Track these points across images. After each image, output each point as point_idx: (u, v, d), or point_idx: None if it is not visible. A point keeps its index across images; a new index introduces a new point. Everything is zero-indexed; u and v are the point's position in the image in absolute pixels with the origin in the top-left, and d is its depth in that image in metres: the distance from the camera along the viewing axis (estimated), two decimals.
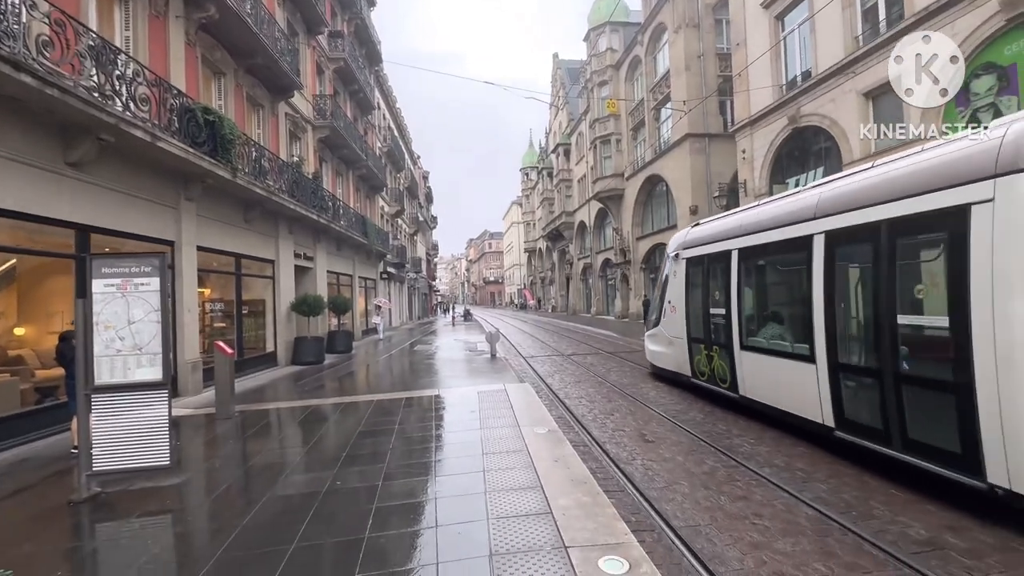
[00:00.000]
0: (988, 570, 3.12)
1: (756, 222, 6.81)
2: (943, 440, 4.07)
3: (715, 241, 7.78)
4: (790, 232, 5.96)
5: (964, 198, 3.88)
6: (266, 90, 13.03)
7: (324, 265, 16.71)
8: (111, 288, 4.39)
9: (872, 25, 11.74)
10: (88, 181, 6.97)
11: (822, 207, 5.47)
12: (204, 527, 3.77)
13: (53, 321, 7.38)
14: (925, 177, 4.28)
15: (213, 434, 6.33)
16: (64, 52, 6.03)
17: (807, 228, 5.62)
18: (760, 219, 6.74)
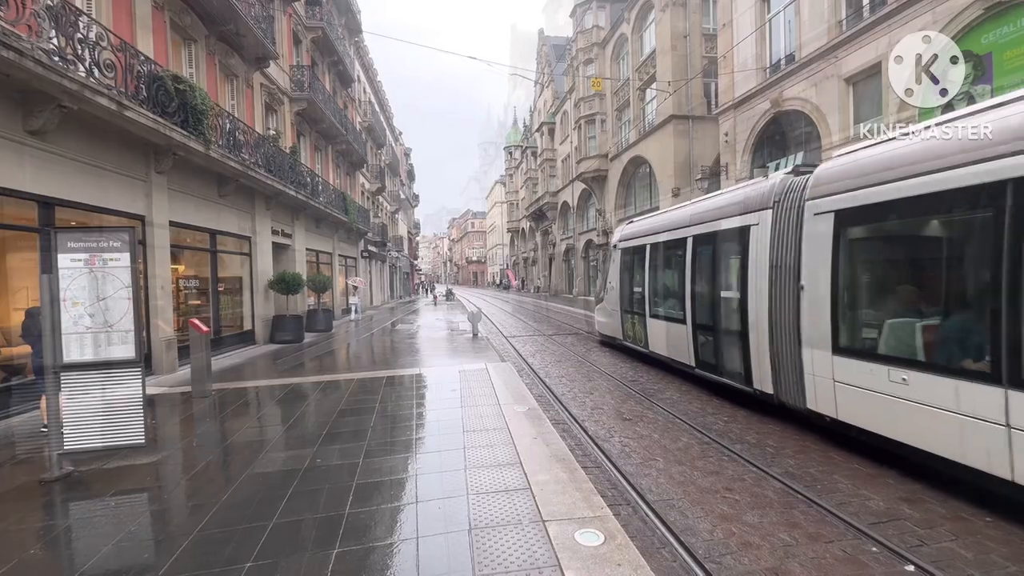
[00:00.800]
0: (940, 538, 3.31)
1: (660, 224, 9.10)
2: (737, 366, 6.54)
3: (636, 237, 10.09)
4: (676, 235, 8.26)
5: (747, 221, 6.38)
6: (240, 59, 12.52)
7: (303, 243, 16.40)
8: (78, 263, 4.25)
9: (856, 10, 11.78)
10: (51, 151, 6.66)
11: (692, 219, 7.82)
12: (182, 505, 3.76)
13: (19, 297, 7.12)
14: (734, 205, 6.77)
15: (189, 412, 6.26)
16: (19, 11, 5.68)
17: (683, 232, 7.97)
18: (662, 223, 9.06)
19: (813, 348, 5.23)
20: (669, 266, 8.92)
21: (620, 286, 10.69)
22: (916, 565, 2.98)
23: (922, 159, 4.12)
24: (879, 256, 5.19)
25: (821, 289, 5.11)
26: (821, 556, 3.13)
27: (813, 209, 5.27)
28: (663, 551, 3.24)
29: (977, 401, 3.62)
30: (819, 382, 5.12)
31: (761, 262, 5.98)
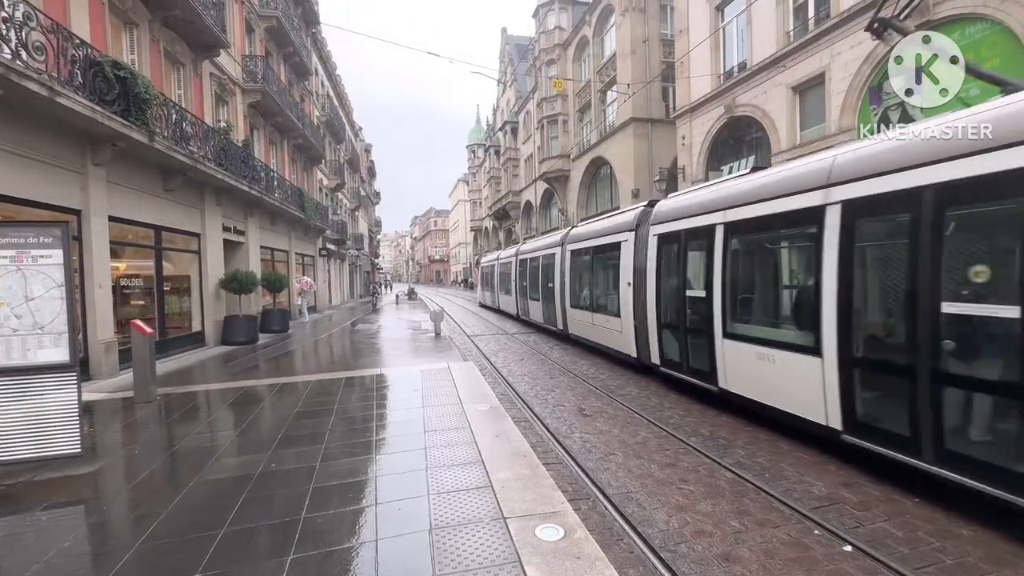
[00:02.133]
0: (874, 519, 3.55)
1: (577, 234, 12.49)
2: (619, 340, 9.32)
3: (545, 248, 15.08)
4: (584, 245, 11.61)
5: (621, 238, 9.32)
6: (187, 46, 11.89)
7: (257, 240, 15.77)
8: (3, 261, 3.93)
9: (802, 22, 12.40)
10: None
11: (591, 234, 11.12)
12: (123, 516, 3.54)
13: None
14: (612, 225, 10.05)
15: (132, 419, 5.91)
16: None
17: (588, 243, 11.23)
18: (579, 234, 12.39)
19: (650, 323, 8.05)
20: (587, 267, 11.66)
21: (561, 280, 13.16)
22: (853, 545, 3.18)
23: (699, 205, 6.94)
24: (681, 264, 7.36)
25: (652, 284, 8.02)
26: (768, 540, 3.29)
27: (652, 232, 8.08)
28: (621, 542, 3.33)
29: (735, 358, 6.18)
30: (652, 344, 8.08)
31: (627, 266, 8.99)
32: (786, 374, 5.20)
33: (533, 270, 16.07)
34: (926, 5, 9.14)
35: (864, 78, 10.51)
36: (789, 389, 5.18)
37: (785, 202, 5.30)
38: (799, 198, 5.09)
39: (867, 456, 4.26)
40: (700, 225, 6.76)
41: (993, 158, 3.41)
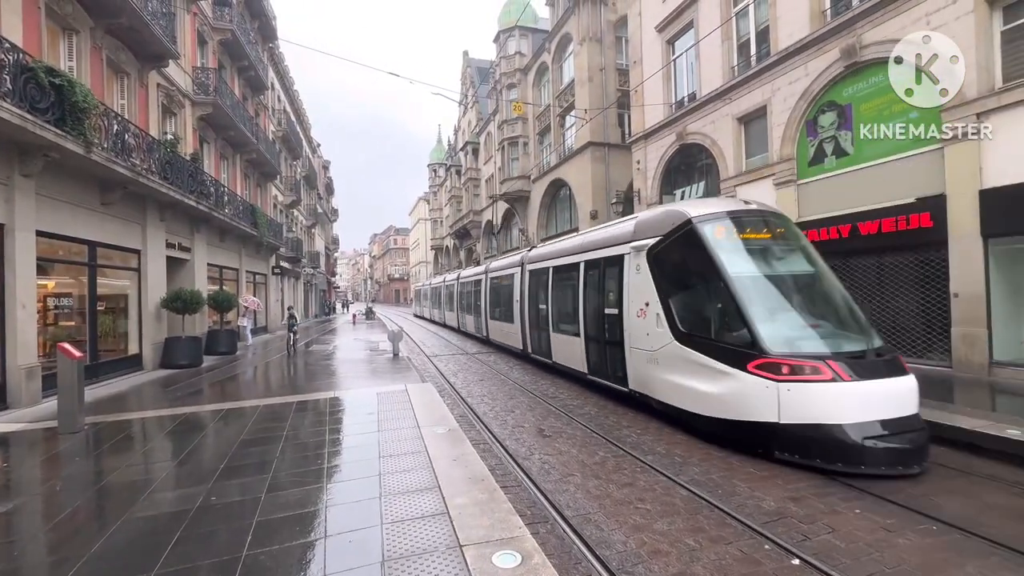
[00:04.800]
0: (819, 532, 3.68)
1: (503, 265, 15.91)
2: (517, 341, 13.66)
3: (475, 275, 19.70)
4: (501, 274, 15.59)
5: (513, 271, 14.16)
6: (133, 55, 11.41)
7: (204, 257, 15.05)
8: None
9: (745, 59, 13.26)
10: None
11: (524, 261, 13.35)
12: (39, 561, 3.20)
13: None
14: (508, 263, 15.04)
15: (55, 451, 5.41)
16: None
17: (516, 269, 13.93)
18: (503, 263, 16.01)
19: (527, 327, 12.63)
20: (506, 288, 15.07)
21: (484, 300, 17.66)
22: (801, 559, 3.28)
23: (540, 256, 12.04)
24: (540, 287, 11.80)
25: (525, 301, 12.73)
26: (722, 557, 3.35)
27: (525, 269, 12.86)
28: (579, 566, 3.29)
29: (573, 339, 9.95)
30: (528, 340, 12.69)
31: (519, 290, 13.45)
32: (573, 348, 9.72)
33: (465, 293, 21.38)
34: (853, 49, 9.99)
35: (801, 112, 11.30)
36: (574, 356, 9.76)
37: (568, 259, 10.25)
38: (571, 257, 10.07)
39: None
40: (541, 267, 11.77)
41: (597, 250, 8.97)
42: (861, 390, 4.99)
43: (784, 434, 5.06)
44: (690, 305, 6.62)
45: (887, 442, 4.76)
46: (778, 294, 6.08)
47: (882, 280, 10.11)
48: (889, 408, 4.96)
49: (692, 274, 6.73)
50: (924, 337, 9.33)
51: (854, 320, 5.98)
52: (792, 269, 6.49)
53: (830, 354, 5.24)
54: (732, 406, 5.51)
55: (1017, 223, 7.78)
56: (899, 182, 9.45)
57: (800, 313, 5.91)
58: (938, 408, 6.13)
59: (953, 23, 8.41)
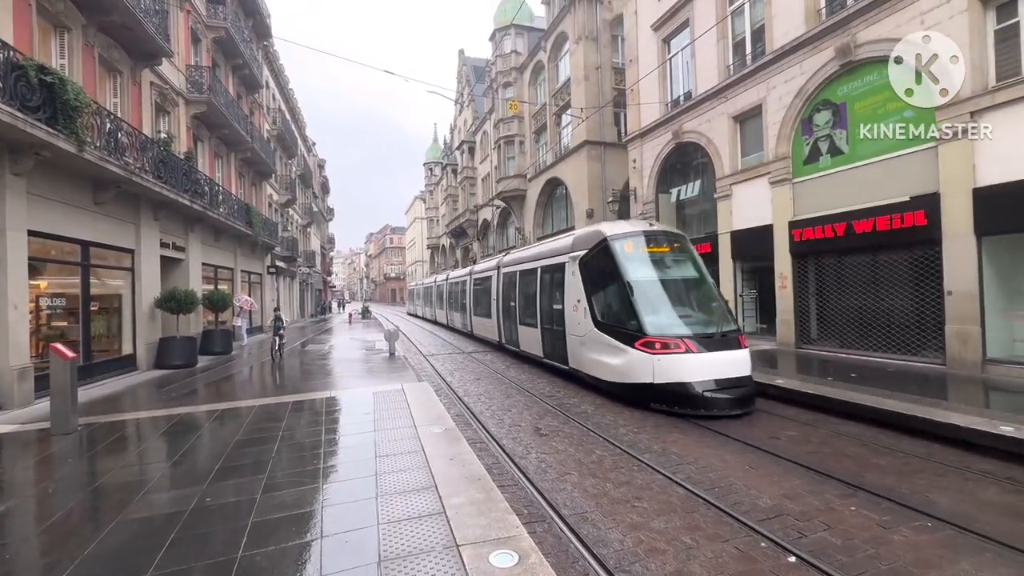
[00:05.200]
0: (815, 529, 3.69)
1: (483, 268, 17.86)
2: (494, 333, 15.25)
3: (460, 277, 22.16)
4: (483, 275, 17.28)
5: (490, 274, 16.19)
6: (125, 53, 11.31)
7: (199, 257, 14.96)
8: None
9: (740, 57, 13.29)
10: None
11: (499, 265, 15.05)
12: (32, 563, 3.17)
13: None
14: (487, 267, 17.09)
15: (47, 453, 5.36)
16: None
17: (494, 271, 15.56)
18: (483, 266, 18.00)
19: (501, 321, 14.57)
20: (484, 288, 17.07)
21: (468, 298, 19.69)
22: (797, 556, 3.29)
23: (512, 261, 14.00)
24: (511, 288, 13.59)
25: (500, 299, 14.58)
26: (719, 555, 3.36)
27: (500, 272, 14.68)
28: (576, 565, 3.29)
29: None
30: (502, 333, 14.49)
31: (496, 289, 15.09)
32: (534, 337, 11.56)
33: (453, 292, 23.02)
34: (848, 48, 10.02)
35: (796, 110, 11.34)
36: (534, 344, 11.58)
37: (530, 264, 12.16)
38: (532, 263, 11.97)
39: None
40: (511, 270, 13.89)
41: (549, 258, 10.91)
42: (704, 359, 7.20)
43: (657, 390, 7.24)
44: (604, 301, 8.61)
45: (719, 394, 6.97)
46: (662, 293, 8.16)
47: (876, 278, 10.17)
48: (723, 371, 7.17)
49: (606, 278, 8.59)
50: (918, 335, 9.39)
51: (714, 312, 8.20)
52: (678, 275, 8.66)
53: (688, 335, 7.42)
54: (627, 373, 7.66)
55: (1010, 221, 7.84)
56: (893, 180, 9.50)
57: (675, 307, 8.05)
58: (932, 406, 6.16)
59: (947, 22, 8.45)
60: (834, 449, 5.46)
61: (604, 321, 8.39)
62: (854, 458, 5.16)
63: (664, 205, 15.69)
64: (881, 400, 6.48)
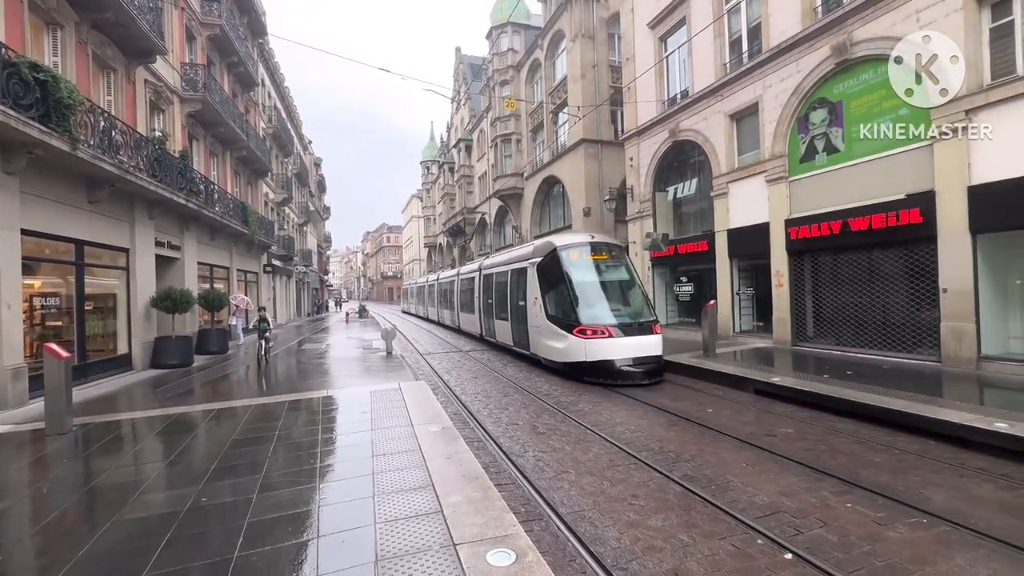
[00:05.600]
0: (811, 526, 3.70)
1: (468, 270, 19.65)
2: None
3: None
4: (469, 275, 18.90)
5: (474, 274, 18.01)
6: (119, 51, 11.23)
7: (194, 256, 14.89)
8: None
9: (737, 55, 13.30)
10: None
11: (480, 267, 17.15)
12: (26, 565, 3.16)
13: None
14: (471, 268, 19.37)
15: (41, 453, 5.33)
16: None
17: (476, 272, 17.47)
18: (468, 268, 19.78)
19: (481, 316, 16.37)
20: (468, 287, 18.85)
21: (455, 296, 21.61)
22: (794, 553, 3.30)
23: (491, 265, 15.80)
24: (490, 287, 15.33)
25: (482, 296, 16.26)
26: (715, 552, 3.36)
27: (481, 273, 16.58)
28: (573, 563, 3.30)
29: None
30: (483, 326, 16.28)
31: (477, 289, 17.04)
32: (506, 329, 13.31)
33: (442, 291, 25.05)
34: (844, 46, 10.04)
35: (793, 108, 11.35)
36: (506, 335, 13.33)
37: (504, 267, 13.85)
38: (505, 266, 13.73)
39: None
40: (489, 272, 15.58)
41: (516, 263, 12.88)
42: (624, 342, 9.40)
43: (588, 366, 9.41)
44: (553, 298, 10.63)
45: (634, 368, 9.22)
46: (596, 292, 10.38)
47: (872, 276, 10.21)
48: (638, 351, 9.41)
49: (555, 279, 10.64)
50: (914, 332, 9.43)
51: (637, 306, 10.45)
52: (611, 277, 10.78)
53: (613, 324, 9.59)
54: (567, 354, 9.78)
55: (1005, 219, 7.88)
56: (889, 178, 9.53)
57: (605, 303, 10.17)
58: (928, 403, 6.19)
59: (942, 20, 8.47)
60: (830, 446, 5.48)
61: (552, 314, 10.48)
62: (850, 455, 5.18)
63: (661, 203, 15.69)
64: (877, 397, 6.51)
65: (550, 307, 10.56)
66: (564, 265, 10.46)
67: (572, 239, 11.37)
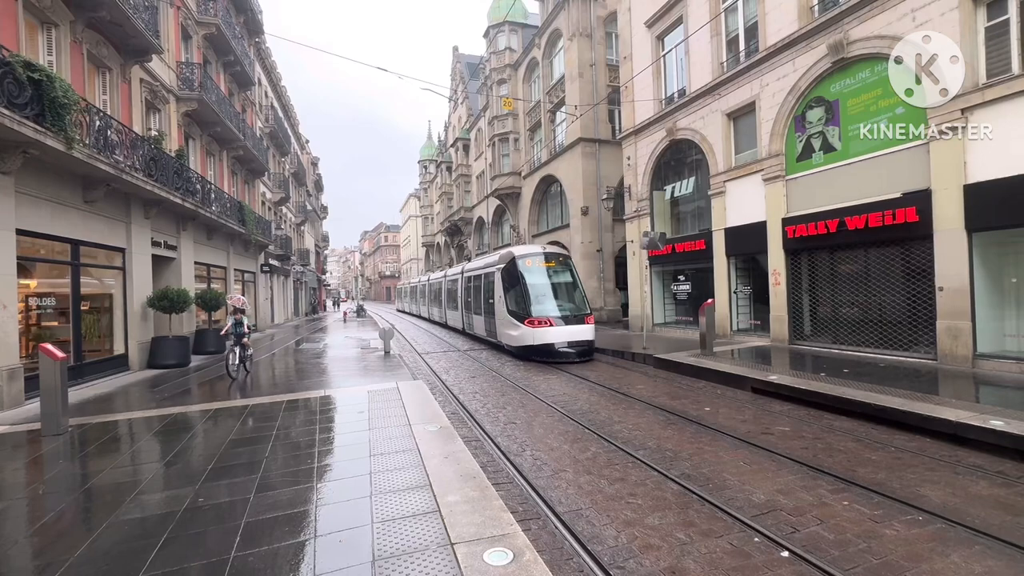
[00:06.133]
0: (808, 524, 3.72)
1: (452, 272, 22.37)
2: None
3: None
4: (453, 277, 21.70)
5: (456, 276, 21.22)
6: (115, 50, 11.18)
7: (191, 256, 14.85)
8: None
9: (734, 54, 13.31)
10: None
11: (463, 270, 19.71)
12: (23, 566, 3.14)
13: None
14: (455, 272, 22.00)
15: (38, 453, 5.31)
16: None
17: (459, 275, 20.08)
18: (453, 271, 22.36)
19: (463, 313, 19.00)
20: (451, 288, 21.51)
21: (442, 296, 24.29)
22: (790, 551, 3.31)
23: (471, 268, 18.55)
24: (470, 287, 17.86)
25: (464, 294, 18.81)
26: (712, 551, 3.37)
27: (463, 275, 19.15)
28: (571, 562, 3.30)
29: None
30: (465, 322, 18.86)
31: (460, 289, 19.58)
32: (481, 322, 16.01)
33: (431, 291, 28.04)
34: (840, 44, 10.06)
35: (790, 108, 11.37)
36: (481, 328, 16.11)
37: (480, 271, 16.49)
38: (481, 270, 16.35)
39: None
40: (469, 275, 17.95)
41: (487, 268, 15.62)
42: (561, 330, 12.08)
43: (534, 349, 12.14)
44: (512, 296, 13.26)
45: (569, 349, 11.99)
46: (545, 292, 12.98)
47: (869, 274, 10.24)
48: (572, 336, 12.11)
49: (513, 282, 13.33)
50: (910, 331, 9.47)
51: (575, 302, 13.16)
52: (556, 280, 13.43)
53: (555, 316, 12.33)
54: (520, 339, 12.42)
55: (1000, 216, 7.91)
56: (885, 177, 9.56)
57: (551, 300, 12.87)
58: (924, 401, 6.22)
59: (938, 19, 8.49)
60: (827, 444, 5.50)
61: (511, 309, 13.21)
62: (847, 453, 5.20)
63: (658, 202, 15.71)
64: (873, 395, 6.53)
65: (509, 303, 13.30)
66: (520, 270, 13.17)
67: (528, 250, 14.12)
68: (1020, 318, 8.19)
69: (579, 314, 12.62)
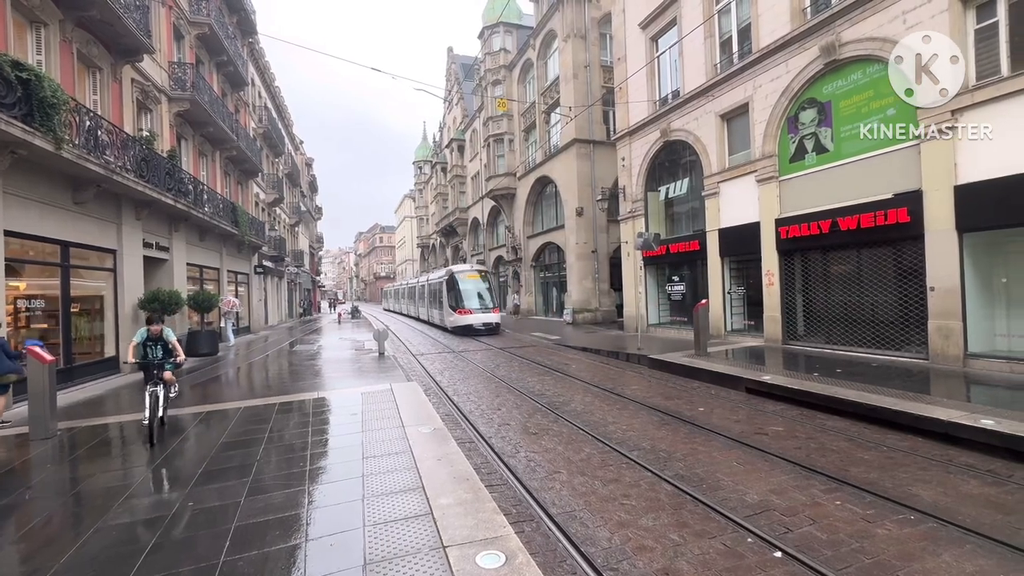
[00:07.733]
0: (801, 524, 3.72)
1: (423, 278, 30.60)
2: (437, 318, 24.44)
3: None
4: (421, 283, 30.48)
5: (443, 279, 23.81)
6: (105, 49, 11.08)
7: (183, 257, 14.74)
8: None
9: (728, 56, 13.37)
10: None
11: (428, 278, 28.15)
12: (9, 571, 3.09)
13: None
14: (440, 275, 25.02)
15: (25, 458, 5.25)
16: None
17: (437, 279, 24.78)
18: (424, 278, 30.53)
19: (447, 311, 21.81)
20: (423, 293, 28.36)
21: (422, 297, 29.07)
22: (783, 551, 3.31)
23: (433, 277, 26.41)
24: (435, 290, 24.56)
25: (447, 295, 21.68)
26: (706, 552, 3.37)
27: (447, 279, 22.20)
28: (564, 564, 3.28)
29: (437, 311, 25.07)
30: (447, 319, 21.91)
31: (427, 291, 26.97)
32: (437, 315, 24.11)
33: (409, 292, 34.65)
34: (832, 46, 10.12)
35: (783, 109, 11.43)
36: (436, 319, 24.56)
37: (435, 280, 24.96)
38: (440, 279, 23.53)
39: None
40: (431, 282, 26.18)
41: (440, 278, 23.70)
42: (477, 317, 20.16)
43: (461, 328, 20.22)
44: (451, 295, 20.85)
45: (482, 328, 20.17)
46: (472, 293, 20.63)
47: (861, 275, 10.30)
48: (484, 321, 20.16)
49: (452, 288, 20.93)
50: (902, 330, 9.53)
51: (489, 301, 20.81)
52: (480, 287, 21.04)
53: (475, 308, 20.35)
54: (455, 322, 20.40)
55: (991, 217, 7.97)
56: (877, 178, 9.62)
57: (474, 299, 20.54)
58: (916, 400, 6.25)
59: (928, 21, 8.56)
60: (820, 444, 5.51)
61: (451, 304, 20.62)
62: (840, 453, 5.21)
63: (653, 203, 15.75)
64: (866, 395, 6.56)
65: (450, 301, 20.82)
66: (456, 281, 21.01)
67: (463, 268, 22.88)
68: (1010, 318, 8.26)
69: (488, 307, 20.42)
